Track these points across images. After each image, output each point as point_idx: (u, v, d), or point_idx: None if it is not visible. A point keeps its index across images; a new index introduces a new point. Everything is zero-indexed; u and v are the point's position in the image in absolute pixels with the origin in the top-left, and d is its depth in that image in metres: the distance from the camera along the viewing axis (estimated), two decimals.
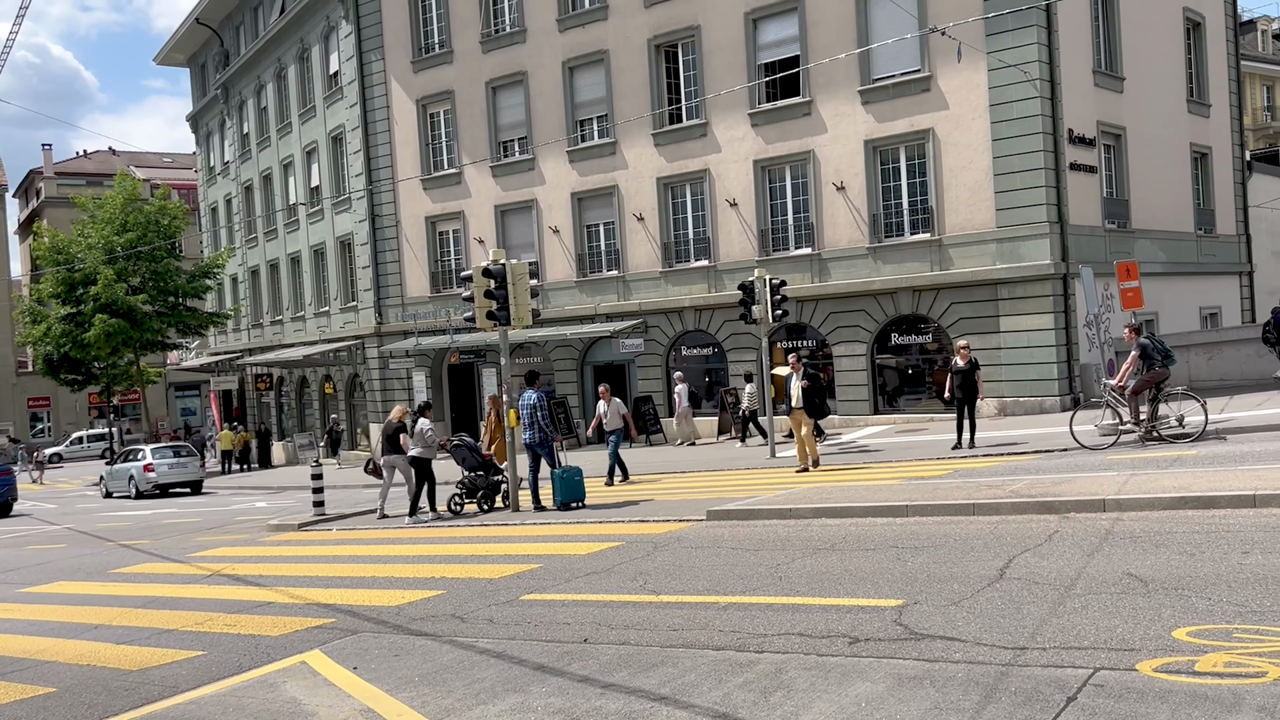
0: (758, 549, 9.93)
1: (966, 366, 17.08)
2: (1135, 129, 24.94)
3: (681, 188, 27.13)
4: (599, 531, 12.41)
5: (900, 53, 23.01)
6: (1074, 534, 8.78)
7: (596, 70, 28.21)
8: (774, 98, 25.39)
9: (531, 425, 15.32)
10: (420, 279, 32.81)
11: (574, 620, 7.82)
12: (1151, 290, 22.57)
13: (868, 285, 23.92)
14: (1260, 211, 31.66)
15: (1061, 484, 11.12)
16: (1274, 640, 5.44)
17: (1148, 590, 6.71)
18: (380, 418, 34.20)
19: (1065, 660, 5.52)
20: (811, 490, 13.39)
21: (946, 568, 8.11)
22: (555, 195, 29.29)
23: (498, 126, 30.48)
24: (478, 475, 16.03)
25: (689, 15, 26.34)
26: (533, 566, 10.36)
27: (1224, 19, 29.86)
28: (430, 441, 15.97)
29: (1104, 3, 24.20)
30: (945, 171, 22.80)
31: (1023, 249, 21.91)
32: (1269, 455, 12.23)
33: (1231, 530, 8.22)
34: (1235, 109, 30.34)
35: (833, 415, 24.89)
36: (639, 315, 27.78)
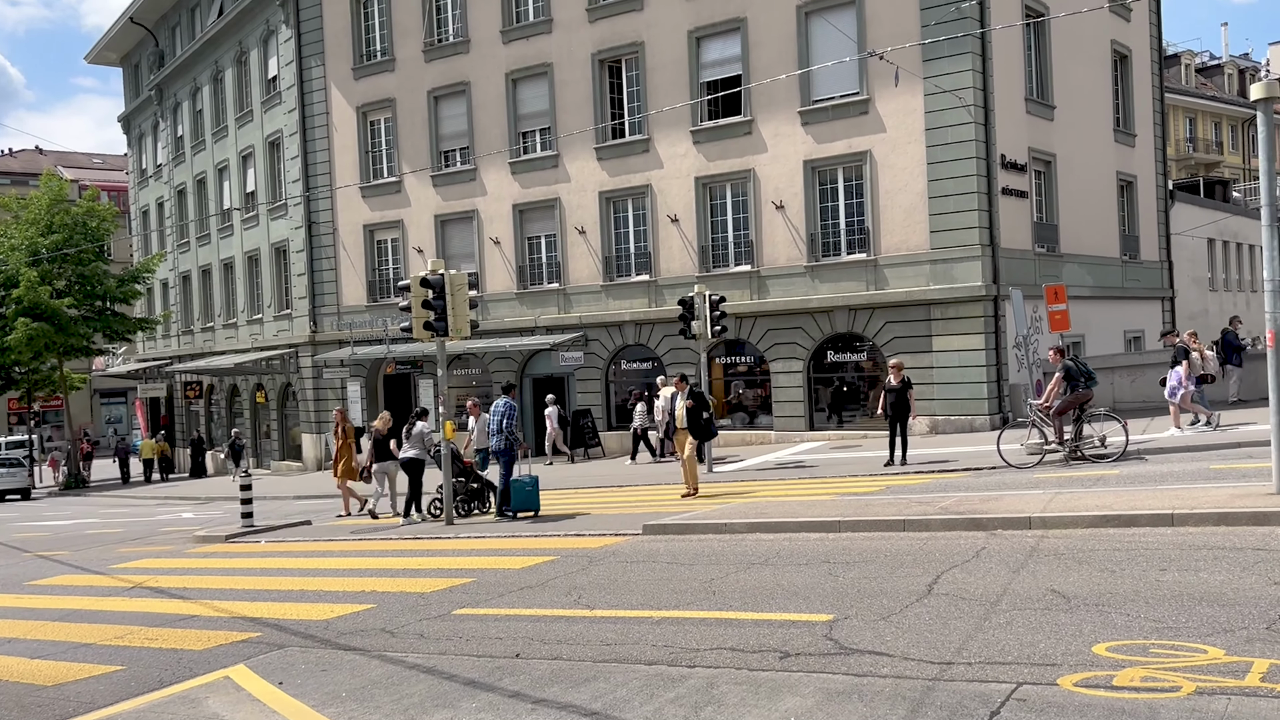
0: (692, 563, 9.96)
1: (899, 385, 17.38)
2: (1065, 156, 25.65)
3: (623, 202, 27.22)
4: (534, 545, 12.34)
5: (840, 75, 23.41)
6: (1001, 550, 8.97)
7: (540, 83, 28.21)
8: (716, 116, 25.63)
9: (498, 432, 15.51)
10: (357, 288, 32.41)
11: (506, 635, 7.76)
12: (1079, 313, 23.19)
13: (805, 303, 24.22)
14: (1181, 239, 32.75)
15: (989, 501, 11.35)
16: (1189, 656, 5.60)
17: (1070, 606, 6.88)
18: (315, 428, 33.69)
19: (990, 675, 5.62)
20: (747, 505, 13.48)
21: (877, 583, 8.22)
22: (496, 206, 29.19)
23: (439, 136, 30.30)
24: (458, 481, 16.19)
25: (633, 31, 26.50)
26: (466, 580, 10.26)
27: (1150, 52, 30.88)
28: (428, 444, 16.42)
29: (1036, 32, 24.90)
30: (882, 193, 23.21)
31: (955, 271, 22.37)
32: (1186, 475, 12.62)
33: (1150, 548, 8.46)
34: (1159, 139, 31.36)
35: (769, 431, 25.15)
36: (579, 328, 27.77)
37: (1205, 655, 5.57)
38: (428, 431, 16.47)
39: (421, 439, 16.35)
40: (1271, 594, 6.67)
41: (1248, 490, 10.23)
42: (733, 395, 26.37)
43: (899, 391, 17.33)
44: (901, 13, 22.60)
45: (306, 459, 34.13)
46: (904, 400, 17.30)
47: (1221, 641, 5.79)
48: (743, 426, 25.91)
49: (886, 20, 22.74)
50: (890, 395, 17.45)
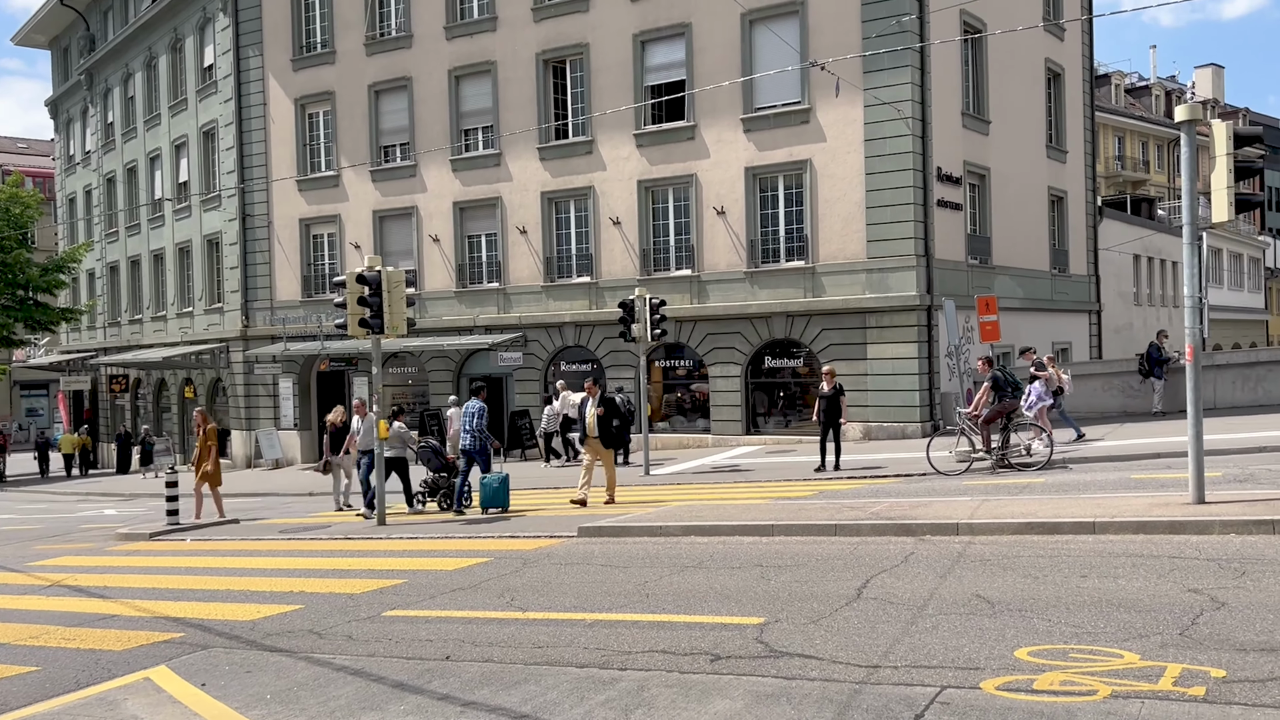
0: (627, 566, 9.98)
1: (831, 392, 17.67)
2: (999, 170, 26.22)
3: (565, 203, 27.17)
4: (467, 547, 12.25)
5: (782, 84, 23.65)
6: (929, 556, 9.13)
7: (483, 81, 28.03)
8: (659, 120, 25.72)
9: (468, 431, 15.71)
10: (291, 282, 31.86)
11: (437, 637, 7.69)
12: (1009, 324, 23.72)
13: (744, 308, 24.41)
14: (1109, 254, 33.69)
15: (919, 507, 11.54)
16: (1106, 660, 5.76)
17: (994, 611, 7.03)
18: (244, 425, 33.03)
19: (915, 678, 5.72)
20: (682, 508, 13.54)
21: (808, 587, 8.31)
22: (437, 204, 28.92)
23: (379, 131, 29.95)
24: (440, 476, 16.44)
25: (578, 33, 26.47)
26: (397, 582, 10.15)
27: (1082, 71, 31.72)
28: (408, 441, 16.85)
29: (974, 49, 25.42)
30: (821, 202, 23.50)
31: (891, 280, 22.73)
32: (1108, 484, 12.98)
33: (1072, 555, 8.68)
34: (1089, 156, 32.23)
35: (707, 435, 25.29)
36: (519, 328, 27.64)
37: (1122, 660, 5.73)
38: (404, 430, 16.81)
39: (401, 437, 16.62)
40: (1185, 601, 6.89)
41: (1166, 500, 10.56)
42: (665, 404, 26.48)
43: (831, 398, 17.62)
44: (843, 24, 22.91)
45: (235, 456, 33.44)
46: (836, 406, 17.59)
47: (1137, 646, 5.96)
48: (681, 430, 26.02)
49: (829, 31, 23.04)
50: (822, 401, 17.72)
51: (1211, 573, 7.63)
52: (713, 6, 24.32)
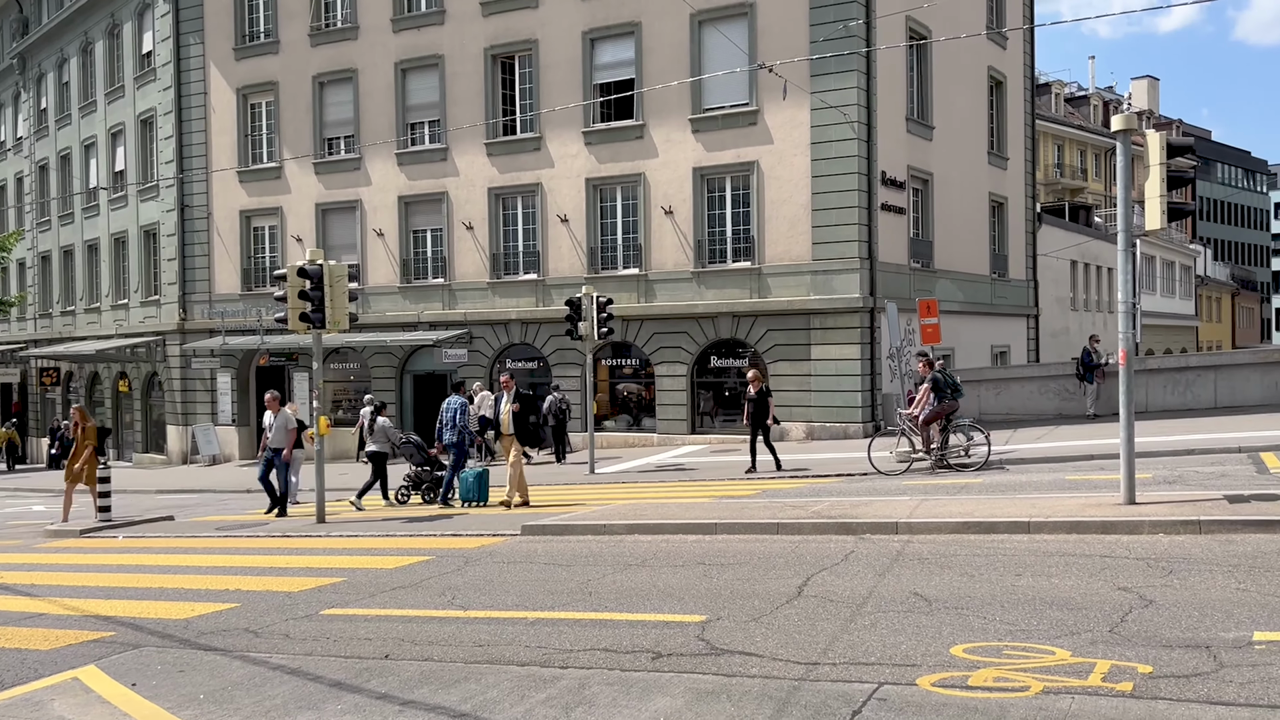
0: (570, 564, 9.95)
1: (757, 395, 17.61)
2: (941, 175, 26.64)
3: (513, 199, 27.03)
4: (409, 545, 12.13)
5: (730, 85, 23.78)
6: (868, 554, 9.24)
7: (430, 74, 27.78)
8: (608, 118, 25.70)
9: (452, 427, 15.98)
10: (231, 275, 31.28)
11: (376, 636, 7.60)
12: (949, 327, 24.12)
13: (691, 308, 24.49)
14: (1047, 260, 34.41)
15: (859, 507, 11.68)
16: (1039, 657, 5.88)
17: (931, 609, 7.13)
18: (180, 420, 32.35)
19: (853, 675, 5.78)
20: (626, 507, 13.55)
21: (750, 585, 8.36)
22: (381, 197, 28.60)
23: (323, 123, 29.52)
24: (424, 470, 16.84)
25: (527, 29, 26.34)
26: (336, 580, 10.01)
27: (1023, 80, 32.36)
28: (391, 438, 17.07)
29: (919, 55, 25.80)
30: (767, 203, 23.67)
31: (835, 282, 22.97)
32: (1044, 485, 13.26)
33: (1008, 554, 8.85)
34: (1029, 164, 32.87)
35: (652, 434, 25.34)
36: (464, 325, 27.44)
37: (1053, 656, 5.85)
38: (389, 427, 17.14)
39: (385, 433, 16.94)
40: (1115, 599, 7.06)
41: (1098, 500, 10.81)
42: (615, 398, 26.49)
43: (757, 400, 17.58)
44: (791, 28, 23.10)
45: (171, 452, 32.76)
46: (763, 409, 17.55)
47: (1069, 643, 6.09)
48: (626, 429, 26.03)
49: (777, 34, 23.21)
50: (749, 405, 17.71)
51: (1141, 571, 7.82)
52: (662, 6, 24.36)
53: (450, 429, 15.88)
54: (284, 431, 16.07)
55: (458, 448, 15.92)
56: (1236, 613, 6.47)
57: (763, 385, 17.96)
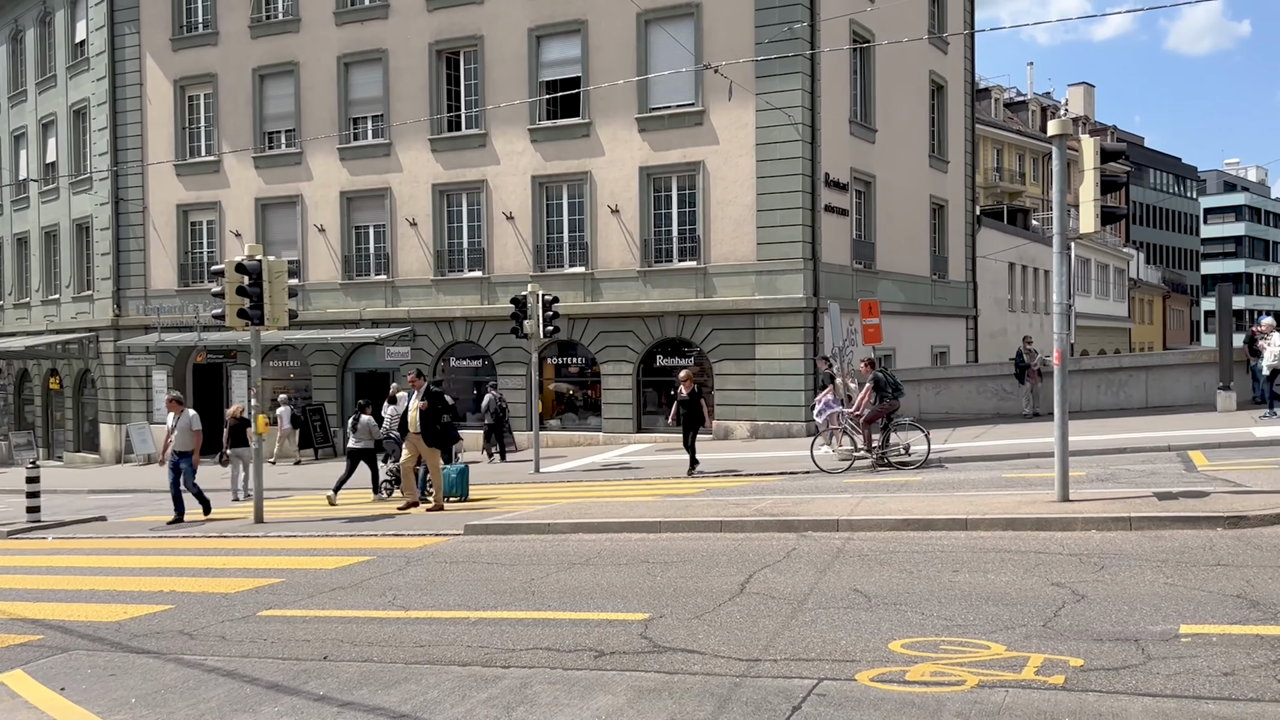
0: (513, 564, 9.91)
1: (689, 396, 17.08)
2: (884, 178, 26.99)
3: (458, 196, 26.82)
4: (349, 545, 11.99)
5: (677, 85, 23.85)
6: (810, 551, 9.33)
7: (374, 69, 27.46)
8: (554, 116, 25.63)
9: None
10: (167, 271, 30.62)
11: (314, 637, 7.50)
12: (890, 327, 24.45)
13: (637, 307, 24.52)
14: (985, 262, 35.06)
15: (801, 504, 11.79)
16: (974, 651, 5.99)
17: (870, 605, 7.23)
18: (114, 418, 31.58)
19: (793, 671, 5.84)
20: (570, 506, 13.52)
21: (693, 582, 8.40)
22: (323, 193, 28.20)
23: (263, 116, 29.04)
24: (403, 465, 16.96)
25: (472, 24, 26.16)
26: (274, 581, 9.85)
27: (964, 85, 32.91)
28: (375, 434, 17.40)
29: (862, 58, 26.11)
30: (713, 204, 23.78)
31: (779, 282, 23.16)
32: (981, 483, 13.50)
33: (945, 550, 8.99)
34: (969, 167, 33.45)
35: (598, 432, 25.32)
36: (407, 323, 27.17)
37: (989, 651, 5.96)
38: (370, 423, 17.36)
39: (369, 430, 17.25)
40: (1049, 594, 7.21)
41: (1033, 497, 11.03)
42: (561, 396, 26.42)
43: (689, 402, 17.04)
44: (737, 29, 23.24)
45: (105, 451, 31.97)
46: (696, 411, 17.06)
47: (1004, 638, 6.21)
48: (572, 428, 25.99)
49: (723, 35, 23.33)
50: (680, 407, 17.13)
51: (1073, 567, 8.00)
52: (609, 4, 24.36)
53: None
54: (188, 434, 15.29)
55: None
56: (1164, 607, 6.65)
57: (694, 386, 17.38)
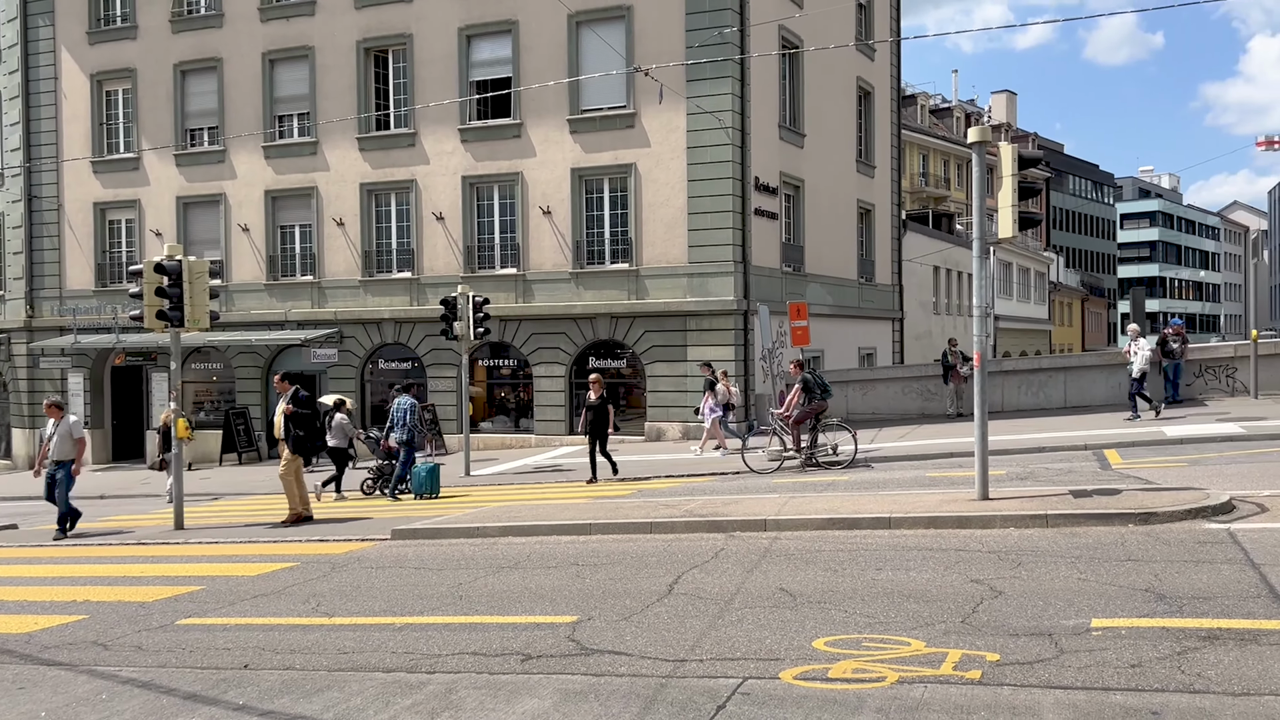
0: (441, 568, 9.82)
1: (598, 401, 16.82)
2: (812, 182, 27.36)
3: (386, 196, 26.50)
4: (273, 551, 11.76)
5: (608, 87, 23.88)
6: (738, 551, 9.42)
7: (300, 66, 26.99)
8: (485, 116, 25.47)
9: (402, 425, 16.96)
10: (84, 271, 29.71)
11: (235, 645, 7.34)
12: (819, 330, 24.78)
13: (569, 309, 24.49)
14: (911, 265, 35.74)
15: (730, 505, 11.90)
16: (895, 648, 6.10)
17: (795, 604, 7.32)
18: (28, 422, 30.51)
19: (719, 671, 5.89)
20: (500, 509, 13.45)
21: (621, 584, 8.42)
22: (247, 191, 27.63)
23: (185, 113, 28.36)
24: (387, 464, 17.60)
25: (401, 23, 25.88)
26: (194, 588, 9.62)
27: (890, 91, 33.52)
28: (349, 433, 17.95)
29: (791, 64, 26.43)
30: (645, 206, 23.86)
31: (710, 284, 23.33)
32: (905, 482, 13.77)
33: (870, 549, 9.15)
34: (896, 172, 34.08)
35: (530, 434, 25.22)
36: (334, 324, 26.76)
37: (909, 647, 6.08)
38: (346, 423, 17.84)
39: (343, 429, 17.74)
40: (968, 590, 7.38)
41: (955, 496, 11.28)
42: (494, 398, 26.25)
43: (598, 408, 16.75)
44: (667, 32, 23.36)
45: (17, 456, 30.87)
46: (604, 416, 16.78)
47: (923, 634, 6.34)
48: (504, 430, 25.84)
49: (654, 38, 23.43)
50: (589, 412, 16.82)
51: (992, 564, 8.20)
52: (539, 6, 24.30)
53: (400, 427, 17.00)
54: (69, 442, 14.37)
55: (407, 445, 17.00)
56: (1077, 601, 6.85)
57: (604, 391, 17.17)
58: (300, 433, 13.66)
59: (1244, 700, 4.84)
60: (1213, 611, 6.31)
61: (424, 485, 16.44)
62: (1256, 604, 6.41)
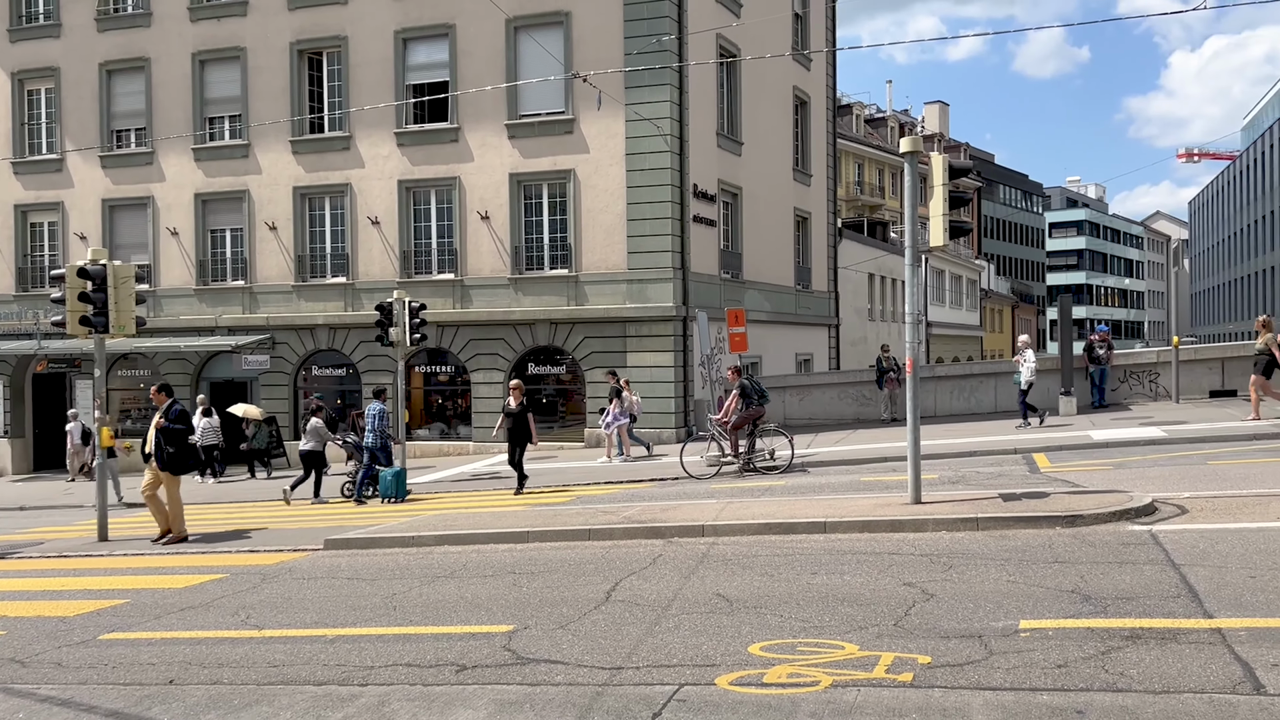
0: (375, 579, 9.68)
1: (518, 409, 16.41)
2: (750, 190, 27.59)
3: (320, 199, 26.10)
4: (201, 563, 11.49)
5: (547, 93, 23.83)
6: (676, 557, 9.44)
7: (231, 67, 26.49)
8: (422, 120, 25.25)
9: (371, 430, 17.26)
10: (4, 275, 28.77)
11: (160, 660, 7.14)
12: (756, 336, 24.98)
13: (508, 315, 24.35)
14: (846, 272, 36.22)
15: (669, 510, 11.92)
16: (829, 652, 6.16)
17: (732, 609, 7.35)
18: None
19: (655, 678, 5.88)
20: (436, 517, 13.31)
21: (559, 592, 8.38)
22: (176, 194, 27.01)
23: (111, 113, 27.64)
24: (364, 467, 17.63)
25: (336, 25, 25.54)
26: (118, 602, 9.35)
27: (826, 100, 33.96)
28: (323, 437, 18.07)
29: (729, 72, 26.64)
30: (584, 212, 23.84)
31: (649, 291, 23.38)
32: (841, 486, 13.92)
33: (805, 553, 9.23)
34: (832, 180, 34.52)
35: (468, 442, 25.00)
36: (266, 330, 26.26)
37: (843, 651, 6.14)
38: (321, 427, 18.05)
39: (318, 433, 17.95)
40: (901, 594, 7.48)
41: (889, 500, 11.43)
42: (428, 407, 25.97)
43: (518, 416, 16.34)
44: (606, 39, 23.38)
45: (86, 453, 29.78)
46: (524, 425, 16.37)
47: (858, 638, 6.41)
48: (440, 437, 25.59)
49: (592, 45, 23.44)
50: (508, 420, 16.40)
51: (924, 567, 8.32)
52: (477, 10, 24.16)
53: (370, 432, 17.33)
54: None
55: (379, 449, 17.33)
56: (1006, 603, 6.98)
57: (523, 399, 16.73)
58: (172, 449, 12.75)
59: (1164, 698, 4.98)
60: (1135, 611, 6.48)
61: (390, 489, 16.70)
62: (1177, 604, 6.60)
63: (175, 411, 12.90)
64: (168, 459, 12.78)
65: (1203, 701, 4.89)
